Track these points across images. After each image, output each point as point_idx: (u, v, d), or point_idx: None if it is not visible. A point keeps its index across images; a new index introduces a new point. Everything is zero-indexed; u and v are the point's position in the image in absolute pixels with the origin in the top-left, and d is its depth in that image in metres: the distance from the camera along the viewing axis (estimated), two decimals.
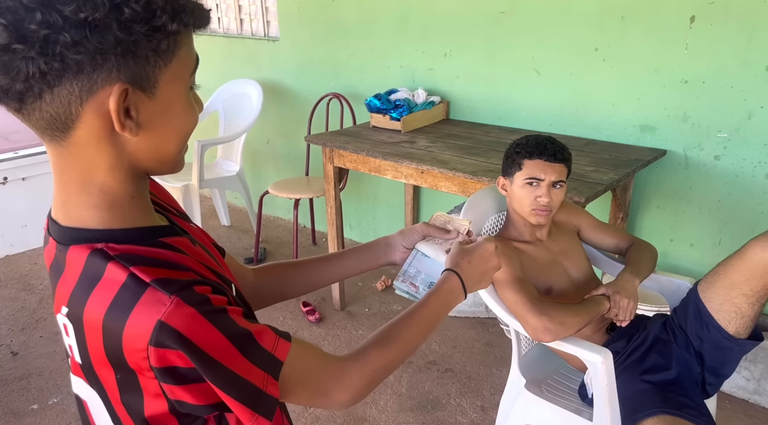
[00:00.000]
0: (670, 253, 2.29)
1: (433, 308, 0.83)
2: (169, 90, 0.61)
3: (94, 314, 0.60)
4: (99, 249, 0.60)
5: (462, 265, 0.87)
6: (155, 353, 0.58)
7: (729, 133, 2.06)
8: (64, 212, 0.63)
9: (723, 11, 1.96)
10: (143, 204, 0.67)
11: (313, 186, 3.07)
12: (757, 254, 1.32)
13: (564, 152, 1.52)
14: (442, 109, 2.76)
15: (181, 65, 0.61)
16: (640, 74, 2.19)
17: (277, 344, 0.66)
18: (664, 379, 1.40)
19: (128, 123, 0.59)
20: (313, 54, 3.22)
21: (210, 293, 0.61)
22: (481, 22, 2.55)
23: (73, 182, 0.62)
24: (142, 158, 0.63)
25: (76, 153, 0.60)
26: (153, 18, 0.56)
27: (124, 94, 0.57)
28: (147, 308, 0.58)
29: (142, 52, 0.57)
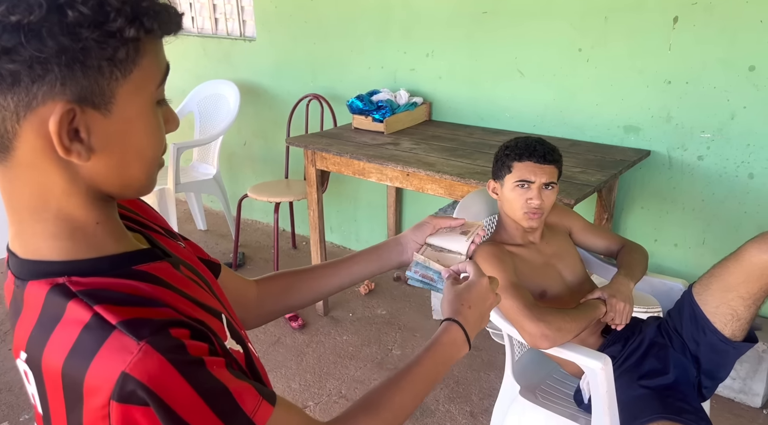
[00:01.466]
0: (655, 253, 2.30)
1: (430, 365, 0.74)
2: (130, 106, 0.52)
3: (53, 361, 0.52)
4: (60, 284, 0.52)
5: (463, 312, 0.78)
6: (117, 410, 0.50)
7: (712, 133, 2.07)
8: (21, 243, 0.55)
9: (706, 12, 1.97)
10: (112, 227, 0.58)
11: (293, 189, 3.00)
12: (754, 256, 1.31)
13: (554, 153, 1.50)
14: (425, 110, 2.72)
15: (145, 76, 0.53)
16: (624, 75, 2.19)
17: (259, 407, 0.57)
18: (661, 384, 1.38)
19: (76, 147, 0.50)
20: (291, 54, 3.15)
21: (187, 338, 0.52)
22: (463, 22, 2.52)
23: (24, 208, 0.54)
24: (101, 182, 0.54)
25: (23, 176, 0.52)
26: (106, 22, 0.48)
27: (71, 114, 0.49)
28: (111, 356, 0.49)
29: (94, 61, 0.48)
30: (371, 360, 2.40)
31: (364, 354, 2.44)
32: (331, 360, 2.40)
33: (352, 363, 2.39)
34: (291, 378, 2.30)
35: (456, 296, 0.80)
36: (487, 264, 1.46)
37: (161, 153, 0.58)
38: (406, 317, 2.64)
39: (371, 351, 2.45)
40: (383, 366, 2.36)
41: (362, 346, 2.48)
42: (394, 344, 2.50)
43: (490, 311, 0.82)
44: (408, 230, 0.92)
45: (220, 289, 0.72)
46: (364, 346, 2.48)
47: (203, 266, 0.72)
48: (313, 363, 2.39)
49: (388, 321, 2.66)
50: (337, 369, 2.36)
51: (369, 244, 3.16)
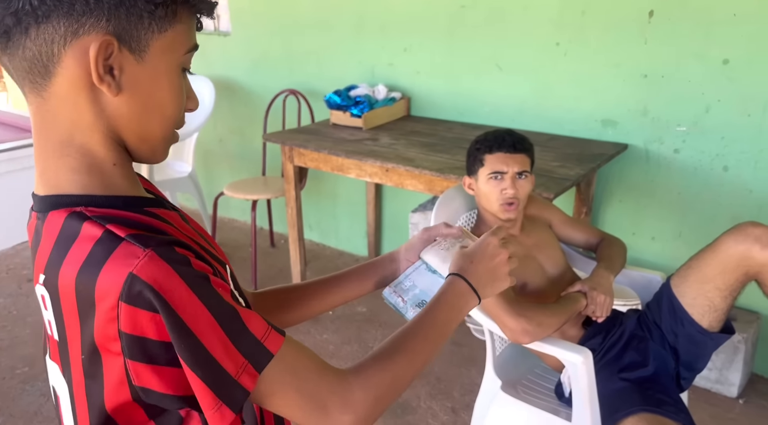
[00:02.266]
0: (633, 246, 2.31)
1: (440, 313, 0.74)
2: (160, 60, 0.59)
3: (68, 275, 0.56)
4: (77, 211, 0.57)
5: (466, 267, 0.78)
6: (125, 311, 0.53)
7: (688, 126, 2.09)
8: (44, 181, 0.61)
9: (681, 6, 1.99)
10: (127, 173, 0.63)
11: (270, 186, 2.96)
12: (730, 247, 1.32)
13: (524, 142, 1.51)
14: (404, 105, 2.70)
15: (176, 39, 0.60)
16: (601, 69, 2.20)
17: (269, 334, 0.59)
18: (641, 376, 1.39)
19: (107, 79, 0.57)
20: (267, 49, 3.10)
21: (192, 257, 0.56)
22: (440, 16, 2.50)
23: (51, 143, 0.60)
24: (122, 125, 0.60)
25: (56, 108, 0.58)
26: None
27: (109, 49, 0.56)
28: (119, 262, 0.54)
29: (138, 10, 0.56)
30: (352, 359, 2.37)
31: (345, 352, 2.41)
32: None
33: (333, 361, 2.33)
34: None
35: (460, 255, 0.80)
36: None
37: (178, 118, 0.63)
38: (386, 314, 2.62)
39: (352, 350, 2.42)
40: None
41: (342, 345, 2.46)
42: (375, 341, 2.48)
43: (503, 268, 0.79)
44: (402, 247, 0.91)
45: (221, 250, 0.73)
46: (344, 344, 2.45)
47: (210, 236, 0.75)
48: None
49: (369, 318, 2.63)
50: None
51: (348, 241, 3.15)
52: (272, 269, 3.08)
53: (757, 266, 1.30)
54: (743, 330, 1.99)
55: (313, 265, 3.11)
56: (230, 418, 0.57)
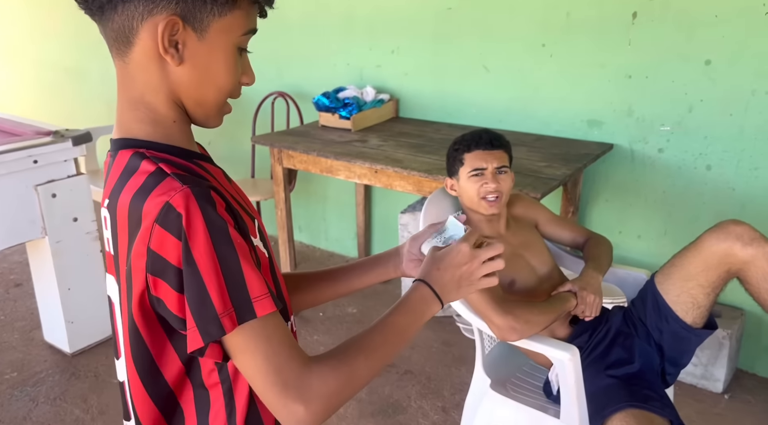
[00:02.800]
0: (619, 245, 2.34)
1: (401, 317, 0.77)
2: (218, 38, 0.69)
3: (124, 199, 0.67)
4: (140, 152, 0.69)
5: (432, 273, 0.81)
6: (157, 233, 0.63)
7: (671, 126, 2.12)
8: (119, 127, 0.73)
9: (663, 7, 2.02)
10: (185, 130, 0.74)
11: (259, 188, 2.96)
12: (712, 245, 1.35)
13: (501, 139, 1.55)
14: (392, 106, 2.72)
15: (235, 23, 0.69)
16: (587, 69, 2.22)
17: (263, 299, 0.65)
18: (628, 372, 1.41)
19: (172, 51, 0.67)
20: (254, 51, 3.05)
21: (221, 207, 0.65)
22: (428, 18, 2.52)
23: (127, 99, 0.71)
24: (182, 90, 0.70)
25: (133, 71, 0.70)
26: None
27: (175, 27, 0.66)
28: (162, 191, 0.64)
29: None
30: None
31: None
32: None
33: None
34: None
35: (429, 258, 0.83)
36: None
37: (231, 90, 0.73)
38: (376, 315, 2.61)
39: None
40: None
41: (333, 345, 2.45)
42: None
43: (474, 274, 0.81)
44: (408, 240, 0.95)
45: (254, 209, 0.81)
46: (335, 342, 2.45)
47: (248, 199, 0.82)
48: None
49: (359, 319, 2.64)
50: None
51: (338, 242, 3.15)
52: None
53: (739, 263, 1.33)
54: (728, 326, 2.02)
55: (303, 266, 3.11)
56: (197, 345, 0.63)
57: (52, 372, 2.33)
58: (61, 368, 2.35)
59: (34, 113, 4.08)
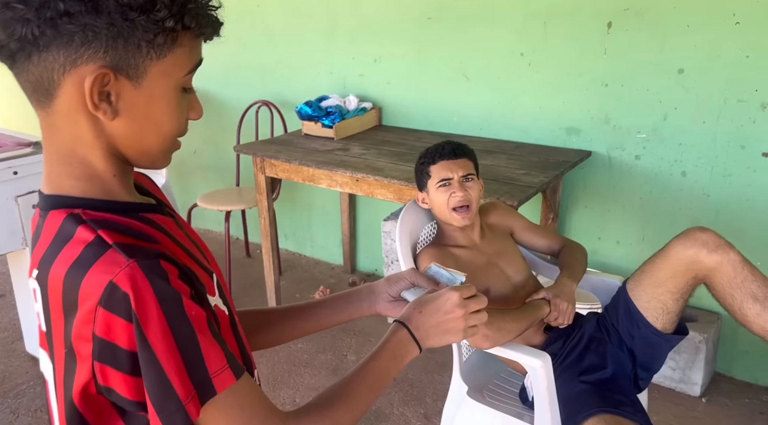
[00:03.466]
0: (599, 251, 2.37)
1: (381, 362, 0.76)
2: (157, 84, 0.62)
3: (57, 273, 0.60)
4: (75, 214, 0.61)
5: (413, 316, 0.79)
6: (102, 316, 0.56)
7: (647, 133, 2.15)
8: (48, 182, 0.65)
9: (637, 17, 2.05)
10: (126, 183, 0.67)
11: (244, 197, 2.97)
12: (679, 252, 1.37)
13: (463, 148, 1.58)
14: (374, 115, 2.74)
15: (177, 63, 0.62)
16: (564, 78, 2.26)
17: (222, 373, 0.61)
18: (600, 378, 1.43)
19: (104, 106, 0.60)
20: (239, 60, 3.12)
21: (174, 275, 0.59)
22: (409, 27, 2.55)
23: (55, 151, 0.64)
24: (120, 143, 0.64)
25: (59, 123, 0.62)
26: (152, 11, 0.58)
27: (106, 78, 0.59)
28: (103, 268, 0.57)
29: (135, 39, 0.58)
30: (326, 367, 2.39)
31: (319, 361, 2.43)
32: (285, 369, 2.38)
33: (307, 370, 2.37)
34: None
35: (414, 301, 0.82)
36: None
37: (178, 133, 0.66)
38: (360, 322, 2.64)
39: (326, 358, 2.44)
40: (338, 372, 2.36)
41: (317, 353, 2.47)
42: (349, 350, 2.50)
43: (457, 324, 0.79)
44: (383, 281, 0.92)
45: (213, 260, 0.77)
46: (318, 353, 2.47)
47: (204, 244, 0.77)
48: (266, 372, 2.36)
49: (343, 327, 2.65)
50: (291, 377, 2.34)
51: (324, 250, 3.16)
52: (248, 280, 3.08)
53: (705, 269, 1.36)
54: (704, 330, 2.05)
55: (288, 274, 3.12)
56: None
57: (34, 384, 2.32)
58: (43, 379, 2.34)
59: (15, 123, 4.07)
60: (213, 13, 0.63)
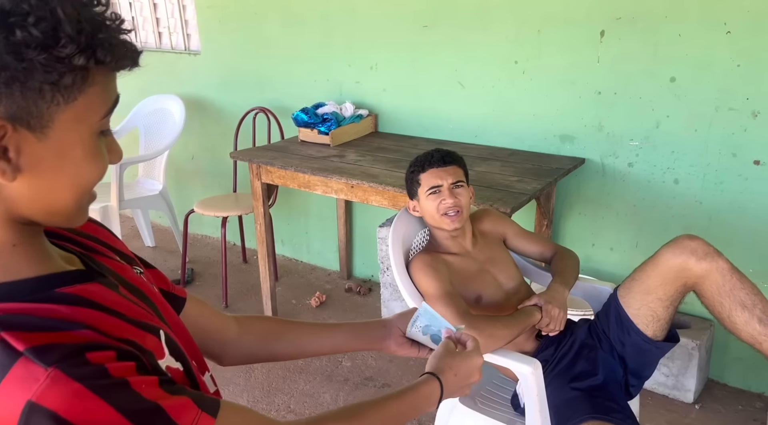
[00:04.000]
0: (593, 257, 2.38)
1: (405, 405, 0.77)
2: (68, 133, 0.51)
3: None
4: None
5: (447, 375, 0.80)
6: None
7: (640, 141, 2.17)
8: None
9: (629, 26, 2.07)
10: (33, 251, 0.55)
11: (241, 203, 2.98)
12: (669, 260, 1.38)
13: (452, 155, 1.60)
14: (371, 122, 2.76)
15: (89, 105, 0.51)
16: (558, 86, 2.27)
17: (198, 420, 0.54)
18: (591, 385, 1.44)
19: (2, 165, 0.49)
20: (236, 67, 3.14)
21: (111, 360, 0.50)
22: (405, 35, 2.57)
23: None
24: (23, 205, 0.52)
25: None
26: (55, 47, 0.47)
27: (2, 131, 0.48)
28: (15, 385, 0.46)
29: (35, 83, 0.47)
30: (321, 373, 2.39)
31: (314, 367, 2.43)
32: (279, 375, 2.38)
33: (301, 376, 2.38)
34: (239, 395, 2.27)
35: (449, 357, 0.82)
36: (422, 274, 1.49)
37: (96, 183, 0.56)
38: None
39: (321, 364, 2.45)
40: (333, 378, 2.36)
41: (312, 359, 2.48)
42: (344, 356, 2.50)
43: (470, 387, 0.85)
44: (395, 316, 0.93)
45: (172, 314, 0.71)
46: (313, 359, 2.47)
47: (155, 292, 0.69)
48: (261, 378, 2.36)
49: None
50: (285, 383, 2.34)
51: (320, 256, 3.16)
52: (244, 286, 3.09)
53: (694, 277, 1.37)
54: (697, 336, 2.06)
55: (285, 280, 3.13)
56: None
57: None
58: None
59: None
60: (127, 39, 0.53)
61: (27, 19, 0.46)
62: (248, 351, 0.86)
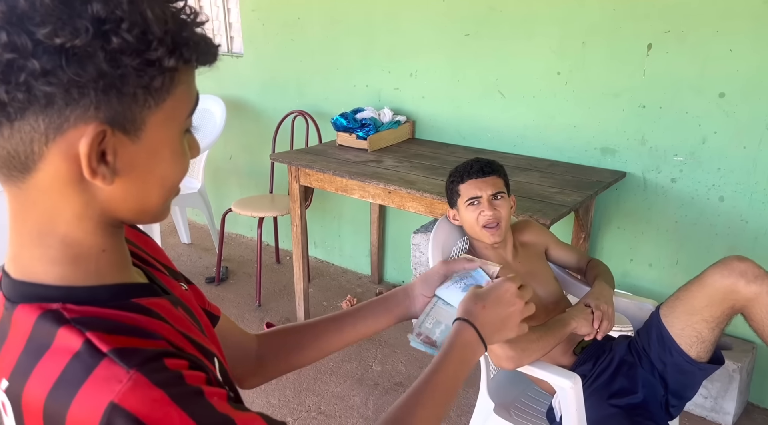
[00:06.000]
0: (630, 273, 2.35)
1: (448, 372, 0.70)
2: (159, 133, 0.52)
3: (35, 393, 0.48)
4: (53, 310, 0.50)
5: (475, 311, 0.73)
6: None
7: (685, 157, 2.13)
8: (16, 265, 0.53)
9: (678, 40, 2.04)
10: (117, 258, 0.56)
11: (277, 204, 3.02)
12: (717, 281, 1.36)
13: (492, 165, 1.57)
14: (408, 128, 2.77)
15: (177, 106, 0.53)
16: (601, 98, 2.25)
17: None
18: (630, 403, 1.42)
19: (101, 169, 0.49)
20: (277, 71, 3.19)
21: (185, 368, 0.50)
22: (446, 43, 2.57)
23: (27, 231, 0.52)
24: (117, 207, 0.53)
25: (36, 198, 0.51)
26: (147, 50, 0.48)
27: (101, 137, 0.48)
28: (99, 386, 0.46)
29: (130, 88, 0.48)
30: (351, 376, 2.41)
31: (344, 370, 2.45)
32: (311, 376, 2.41)
33: (332, 378, 2.40)
34: (270, 394, 2.30)
35: (472, 296, 0.76)
36: None
37: (181, 179, 0.57)
38: (386, 333, 2.66)
39: (351, 367, 2.46)
40: (363, 382, 2.38)
41: (342, 362, 2.49)
42: (375, 360, 2.51)
43: (516, 317, 0.75)
44: (417, 280, 0.86)
45: (214, 336, 0.70)
46: (344, 362, 2.49)
47: (201, 312, 0.70)
48: (292, 378, 2.39)
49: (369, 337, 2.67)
50: (316, 384, 2.36)
51: (352, 259, 3.19)
52: (277, 285, 3.13)
53: (743, 300, 1.34)
54: (739, 359, 2.01)
55: (316, 282, 3.16)
56: None
57: None
58: None
59: None
60: (206, 34, 0.54)
61: (121, 26, 0.46)
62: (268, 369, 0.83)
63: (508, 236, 1.59)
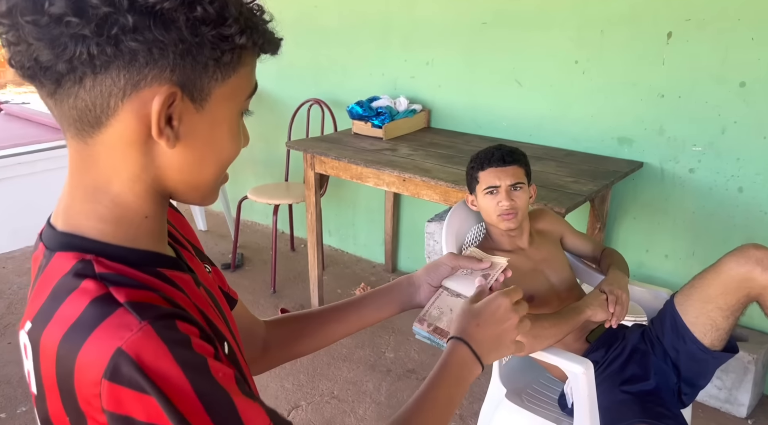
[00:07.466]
0: (646, 263, 2.33)
1: (444, 389, 0.69)
2: (221, 107, 0.55)
3: (52, 336, 0.50)
4: (86, 260, 0.52)
5: (469, 330, 0.72)
6: (109, 390, 0.47)
7: (703, 147, 2.11)
8: (64, 218, 0.56)
9: (699, 28, 2.02)
10: (156, 227, 0.58)
11: (292, 192, 3.05)
12: (732, 269, 1.35)
13: (514, 154, 1.55)
14: (424, 117, 2.77)
15: (240, 85, 0.56)
16: (619, 87, 2.23)
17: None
18: (642, 389, 1.42)
19: (167, 131, 0.53)
20: (293, 59, 3.21)
21: (195, 336, 0.51)
22: (462, 31, 2.57)
23: (83, 186, 0.55)
24: (171, 176, 0.56)
25: (99, 154, 0.54)
26: (223, 25, 0.52)
27: (171, 99, 0.52)
28: (110, 332, 0.47)
29: (204, 58, 0.52)
30: (364, 363, 2.43)
31: (358, 356, 2.47)
32: (324, 361, 2.44)
33: (345, 364, 2.43)
34: (284, 378, 2.34)
35: (466, 312, 0.74)
36: None
37: (232, 160, 0.60)
38: (399, 320, 2.68)
39: (364, 354, 2.49)
40: (376, 368, 2.40)
41: (356, 348, 2.52)
42: (387, 347, 2.54)
43: (511, 334, 0.74)
44: (422, 270, 0.86)
45: (233, 320, 0.71)
46: (357, 348, 2.52)
47: (221, 295, 0.71)
48: (306, 363, 2.42)
49: (382, 324, 2.69)
50: (330, 370, 2.39)
51: (366, 248, 3.21)
52: (291, 273, 3.17)
53: (759, 288, 1.33)
54: (754, 350, 1.99)
55: (330, 270, 3.19)
56: None
57: None
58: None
59: None
60: (274, 28, 0.58)
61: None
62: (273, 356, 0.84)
63: (524, 223, 1.59)
